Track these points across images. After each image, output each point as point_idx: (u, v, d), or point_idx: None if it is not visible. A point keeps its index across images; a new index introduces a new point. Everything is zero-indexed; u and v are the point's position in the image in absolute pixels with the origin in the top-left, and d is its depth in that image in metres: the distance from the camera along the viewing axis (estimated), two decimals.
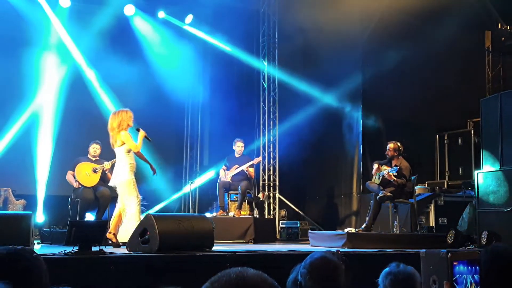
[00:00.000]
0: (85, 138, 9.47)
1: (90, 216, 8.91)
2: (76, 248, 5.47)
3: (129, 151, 7.22)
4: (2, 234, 5.21)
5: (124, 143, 7.19)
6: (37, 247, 6.87)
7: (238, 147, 10.49)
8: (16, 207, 9.42)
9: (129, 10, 11.61)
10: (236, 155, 10.50)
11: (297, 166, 12.26)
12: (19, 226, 5.48)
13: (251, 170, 10.36)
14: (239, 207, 10.08)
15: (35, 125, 10.57)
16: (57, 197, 9.97)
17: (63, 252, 5.47)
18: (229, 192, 10.37)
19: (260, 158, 11.37)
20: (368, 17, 10.82)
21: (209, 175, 12.21)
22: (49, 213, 10.01)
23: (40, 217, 9.69)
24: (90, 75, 11.35)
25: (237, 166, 10.31)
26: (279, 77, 12.47)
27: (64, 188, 9.32)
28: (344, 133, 12.04)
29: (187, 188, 11.84)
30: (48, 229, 8.86)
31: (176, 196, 12.21)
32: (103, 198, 8.71)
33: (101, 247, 5.57)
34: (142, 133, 7.38)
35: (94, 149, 9.03)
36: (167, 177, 11.84)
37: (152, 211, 11.38)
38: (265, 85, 12.56)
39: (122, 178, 7.17)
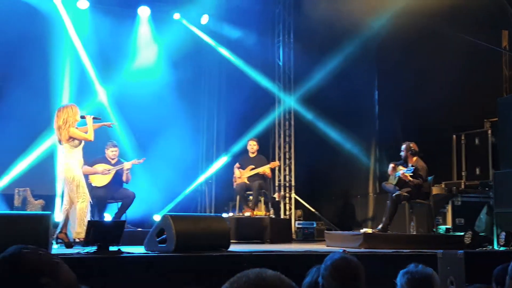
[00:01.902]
0: (100, 139, 9.56)
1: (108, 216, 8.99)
2: (94, 248, 5.53)
3: (76, 146, 7.03)
4: (21, 234, 5.26)
5: (72, 139, 6.99)
6: (55, 247, 6.93)
7: (251, 145, 10.44)
8: (35, 207, 9.53)
9: (144, 11, 11.68)
10: (250, 155, 10.48)
11: (313, 166, 12.24)
12: (38, 226, 5.52)
13: (268, 171, 10.34)
14: (253, 207, 10.08)
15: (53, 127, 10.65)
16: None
17: (81, 252, 5.53)
18: (246, 192, 10.37)
19: (277, 163, 11.31)
20: (383, 16, 10.77)
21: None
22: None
23: (58, 216, 9.76)
24: (102, 76, 11.44)
25: (253, 166, 10.28)
26: (295, 76, 12.47)
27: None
28: (360, 133, 12.00)
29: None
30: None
31: (192, 187, 12.24)
32: (126, 198, 8.79)
33: (119, 247, 5.62)
34: (89, 118, 7.23)
35: (113, 152, 9.10)
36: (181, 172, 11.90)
37: (169, 206, 11.52)
38: (281, 85, 12.57)
39: (69, 174, 6.96)
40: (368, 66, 11.60)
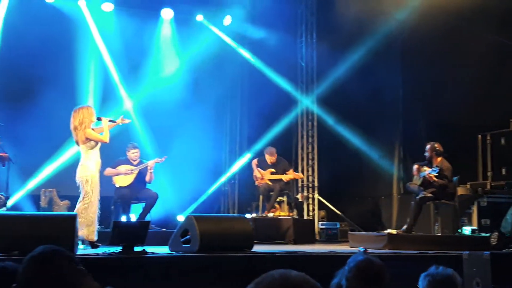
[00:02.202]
0: (122, 140, 9.65)
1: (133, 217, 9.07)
2: (119, 248, 5.58)
3: (92, 148, 7.03)
4: (47, 234, 5.33)
5: (89, 140, 6.99)
6: (81, 247, 7.02)
7: (268, 158, 10.31)
8: (61, 208, 9.65)
9: (167, 13, 11.77)
10: (269, 163, 10.44)
11: (336, 166, 12.19)
12: (64, 227, 5.60)
13: (290, 177, 10.29)
14: (270, 208, 10.07)
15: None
16: (100, 197, 10.14)
17: (106, 252, 5.59)
18: (270, 192, 10.37)
19: (301, 175, 11.26)
20: (407, 12, 10.69)
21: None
22: None
23: None
24: (125, 77, 11.55)
25: (273, 170, 10.25)
26: (318, 76, 12.44)
27: (107, 188, 9.50)
28: (383, 133, 11.93)
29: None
30: None
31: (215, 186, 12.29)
32: (150, 199, 8.86)
33: (144, 247, 5.67)
34: (105, 120, 7.23)
35: (135, 153, 9.18)
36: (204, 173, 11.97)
37: (193, 206, 11.59)
38: (304, 86, 12.56)
39: (83, 174, 6.98)
40: (392, 66, 11.51)
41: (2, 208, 8.52)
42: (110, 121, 7.33)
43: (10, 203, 9.32)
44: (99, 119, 7.25)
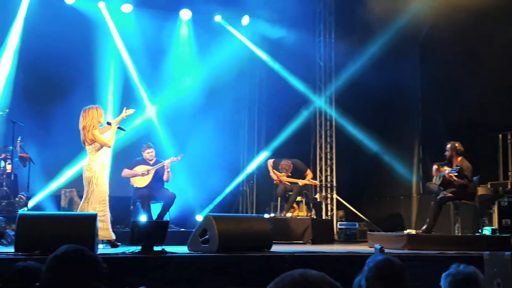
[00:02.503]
0: (139, 140, 9.72)
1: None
2: (138, 248, 5.62)
3: (98, 149, 7.04)
4: (68, 234, 5.39)
5: (95, 141, 7.00)
6: (101, 247, 7.07)
7: (284, 169, 10.25)
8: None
9: (185, 14, 11.81)
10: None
11: (354, 166, 12.15)
12: (84, 227, 5.66)
13: (304, 183, 10.29)
14: (288, 209, 10.07)
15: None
16: (119, 198, 10.22)
17: (126, 252, 5.63)
18: (288, 193, 10.37)
19: (317, 183, 11.24)
20: (426, 15, 10.62)
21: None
22: (111, 213, 10.25)
23: None
24: (144, 78, 11.62)
25: (289, 174, 10.25)
26: (337, 75, 12.40)
27: (126, 189, 9.57)
28: (402, 133, 11.85)
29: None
30: (112, 229, 9.11)
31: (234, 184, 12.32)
32: (167, 199, 8.91)
33: (163, 247, 5.70)
34: (114, 126, 7.21)
35: (150, 153, 9.22)
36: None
37: (211, 205, 11.63)
38: (322, 85, 12.53)
39: (88, 174, 7.00)
40: (410, 64, 11.43)
41: (23, 208, 8.62)
42: (119, 128, 7.32)
43: (32, 203, 9.44)
44: (108, 123, 7.25)
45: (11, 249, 5.63)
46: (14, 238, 5.64)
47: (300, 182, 10.14)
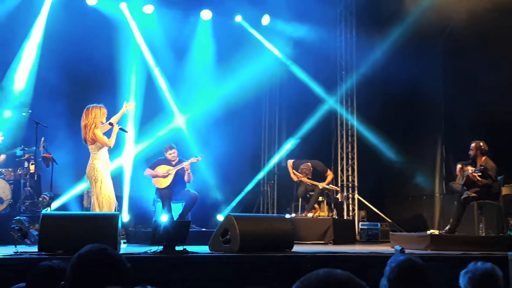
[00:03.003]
0: (161, 141, 9.77)
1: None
2: (160, 247, 5.65)
3: (100, 148, 7.05)
4: (91, 234, 5.43)
5: (96, 141, 7.01)
6: (123, 246, 7.12)
7: (304, 172, 10.29)
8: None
9: (206, 15, 11.85)
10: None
11: (376, 166, 12.06)
12: (107, 226, 5.70)
13: (324, 186, 10.25)
14: (309, 210, 10.04)
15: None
16: (140, 198, 10.28)
17: (148, 251, 5.66)
18: (308, 193, 10.35)
19: (337, 188, 11.17)
20: (448, 14, 10.51)
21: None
22: (133, 213, 10.34)
23: (125, 217, 10.01)
24: (163, 79, 11.70)
25: (310, 177, 10.22)
26: (358, 74, 12.34)
27: (147, 189, 9.63)
28: (425, 132, 11.75)
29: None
30: (134, 229, 9.19)
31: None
32: (189, 199, 8.95)
33: (185, 247, 5.72)
34: (116, 128, 7.18)
35: (172, 154, 9.26)
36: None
37: (232, 204, 11.65)
38: (343, 84, 12.47)
39: (92, 174, 7.00)
40: (433, 62, 11.31)
41: (47, 208, 8.71)
42: (120, 129, 7.29)
43: (57, 204, 9.54)
44: (111, 124, 7.24)
45: (34, 249, 5.69)
46: (38, 237, 5.70)
47: (320, 185, 10.10)
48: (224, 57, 11.93)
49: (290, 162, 10.54)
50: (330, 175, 10.43)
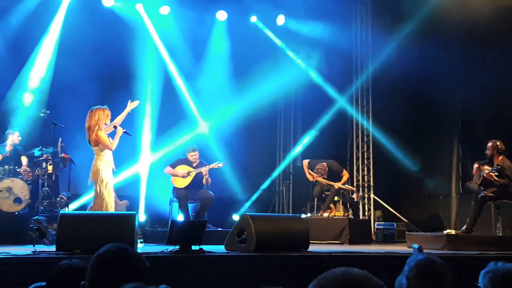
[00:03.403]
0: (180, 142, 9.81)
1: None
2: (177, 247, 5.68)
3: (104, 149, 7.06)
4: (108, 233, 5.48)
5: (99, 142, 7.03)
6: (140, 246, 7.17)
7: (319, 172, 10.28)
8: (120, 207, 9.88)
9: (222, 16, 11.88)
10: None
11: (392, 165, 12.00)
12: (124, 226, 5.75)
13: (339, 186, 10.22)
14: (324, 210, 10.02)
15: (138, 131, 10.98)
16: (157, 197, 10.34)
17: (165, 251, 5.70)
18: (325, 192, 10.33)
19: (353, 188, 11.12)
20: (469, 11, 10.43)
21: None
22: (150, 213, 10.40)
23: (141, 216, 10.07)
24: (181, 79, 11.76)
25: (325, 177, 10.21)
26: (374, 74, 12.29)
27: (164, 188, 9.68)
28: (442, 131, 11.68)
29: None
30: (150, 229, 9.25)
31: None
32: (206, 199, 8.99)
33: (201, 246, 5.75)
34: (120, 131, 7.18)
35: (193, 156, 9.31)
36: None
37: (247, 204, 11.68)
38: (359, 84, 12.44)
39: (96, 175, 7.02)
40: (450, 62, 11.22)
41: (64, 208, 8.80)
42: (124, 132, 7.27)
43: (77, 204, 9.63)
44: (115, 127, 7.24)
45: (52, 248, 5.76)
46: (55, 237, 5.77)
47: (336, 185, 10.09)
48: (240, 58, 11.93)
49: (305, 162, 10.54)
50: (345, 175, 10.42)
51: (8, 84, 10.23)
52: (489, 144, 8.40)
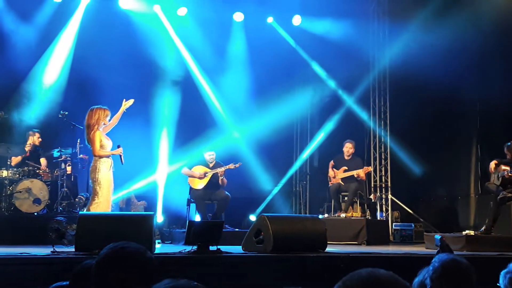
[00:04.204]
0: (199, 143, 9.84)
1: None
2: (194, 247, 5.70)
3: (103, 149, 7.04)
4: (126, 234, 5.50)
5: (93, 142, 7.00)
6: (158, 246, 7.20)
7: (347, 148, 10.34)
8: (138, 208, 9.96)
9: (239, 17, 11.90)
10: (346, 157, 10.37)
11: (410, 166, 11.93)
12: (142, 226, 5.78)
13: (362, 174, 10.20)
14: (346, 209, 9.99)
15: (157, 131, 11.02)
16: (174, 198, 10.38)
17: (183, 251, 5.72)
18: (341, 193, 10.31)
19: (370, 168, 11.06)
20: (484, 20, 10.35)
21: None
22: (167, 213, 10.44)
23: (159, 217, 10.12)
24: (204, 82, 11.79)
25: (346, 168, 10.18)
26: (391, 73, 12.22)
27: (181, 189, 9.72)
28: (460, 131, 11.59)
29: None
30: (168, 229, 9.30)
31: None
32: (222, 200, 9.02)
33: (218, 247, 5.77)
34: (119, 151, 7.15)
35: (210, 156, 9.35)
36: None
37: (264, 204, 11.69)
38: (376, 84, 12.37)
39: (94, 175, 6.99)
40: (469, 61, 11.11)
41: (83, 208, 8.87)
42: (120, 155, 7.17)
43: None
44: (118, 146, 7.22)
45: (71, 249, 5.81)
46: (74, 237, 5.82)
47: (355, 172, 10.02)
48: (256, 58, 11.94)
49: (331, 162, 10.47)
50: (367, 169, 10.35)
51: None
52: (509, 143, 8.33)
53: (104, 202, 6.97)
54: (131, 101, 7.53)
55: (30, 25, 10.55)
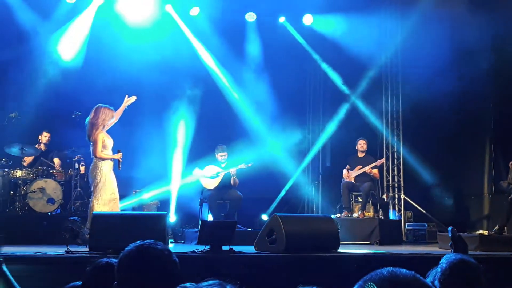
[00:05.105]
0: (214, 143, 9.85)
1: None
2: (207, 247, 5.72)
3: (104, 147, 7.06)
4: (140, 233, 5.49)
5: (95, 142, 7.01)
6: (171, 246, 7.23)
7: (360, 144, 10.36)
8: (151, 207, 9.98)
9: (251, 17, 11.90)
10: (359, 155, 10.39)
11: (423, 165, 11.86)
12: (155, 226, 5.82)
13: (375, 171, 10.20)
14: (363, 209, 9.98)
15: (173, 132, 11.04)
16: (187, 198, 10.39)
17: (195, 250, 5.74)
18: (353, 193, 10.29)
19: (383, 160, 11.06)
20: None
21: None
22: (180, 213, 10.46)
23: (172, 217, 10.13)
24: (222, 80, 11.82)
25: (360, 166, 10.19)
26: (404, 71, 12.16)
27: (194, 189, 9.74)
28: (473, 130, 11.51)
29: None
30: (181, 229, 9.32)
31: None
32: (234, 200, 9.04)
33: (231, 247, 5.78)
34: (118, 156, 7.14)
35: (223, 156, 9.37)
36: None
37: (275, 203, 11.69)
38: (388, 83, 12.32)
39: (93, 173, 7.04)
40: (482, 60, 11.04)
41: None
42: (118, 160, 7.16)
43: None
44: (119, 151, 7.22)
45: (85, 249, 5.84)
46: (88, 237, 5.85)
47: (367, 168, 10.08)
48: (268, 57, 11.93)
49: (347, 167, 10.46)
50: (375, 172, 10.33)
51: None
52: None
53: (104, 201, 6.96)
54: (133, 98, 7.54)
55: (46, 24, 10.62)
